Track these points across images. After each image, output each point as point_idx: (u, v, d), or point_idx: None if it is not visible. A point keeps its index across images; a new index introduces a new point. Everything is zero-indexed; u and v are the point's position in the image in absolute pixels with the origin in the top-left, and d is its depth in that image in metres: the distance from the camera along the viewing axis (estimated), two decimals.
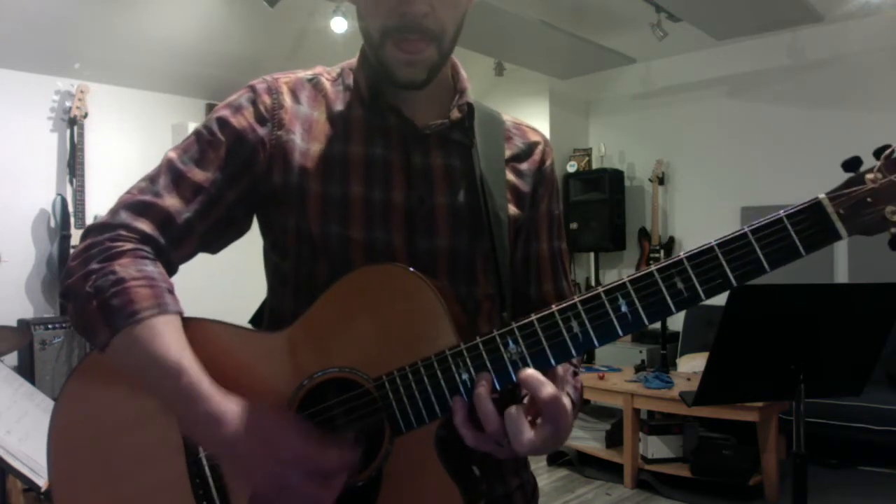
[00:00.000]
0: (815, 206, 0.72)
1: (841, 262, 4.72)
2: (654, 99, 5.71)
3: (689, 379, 4.06)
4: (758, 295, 1.85)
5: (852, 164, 0.74)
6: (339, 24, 4.22)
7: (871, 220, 0.72)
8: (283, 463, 0.74)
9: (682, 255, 0.74)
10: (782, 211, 0.73)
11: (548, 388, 0.74)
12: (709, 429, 4.01)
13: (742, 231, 0.73)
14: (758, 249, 0.72)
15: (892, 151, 0.72)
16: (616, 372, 4.45)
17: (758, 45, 4.96)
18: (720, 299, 1.82)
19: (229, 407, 0.77)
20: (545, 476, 4.17)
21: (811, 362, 1.76)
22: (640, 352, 5.08)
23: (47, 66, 4.16)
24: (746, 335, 1.84)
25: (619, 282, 0.76)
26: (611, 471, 4.09)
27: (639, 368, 4.37)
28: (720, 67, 5.25)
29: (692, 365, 4.49)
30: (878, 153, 0.73)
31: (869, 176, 0.72)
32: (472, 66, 5.26)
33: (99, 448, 0.85)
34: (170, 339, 0.79)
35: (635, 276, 0.75)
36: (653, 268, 0.75)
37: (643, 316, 0.75)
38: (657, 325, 4.87)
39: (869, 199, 0.71)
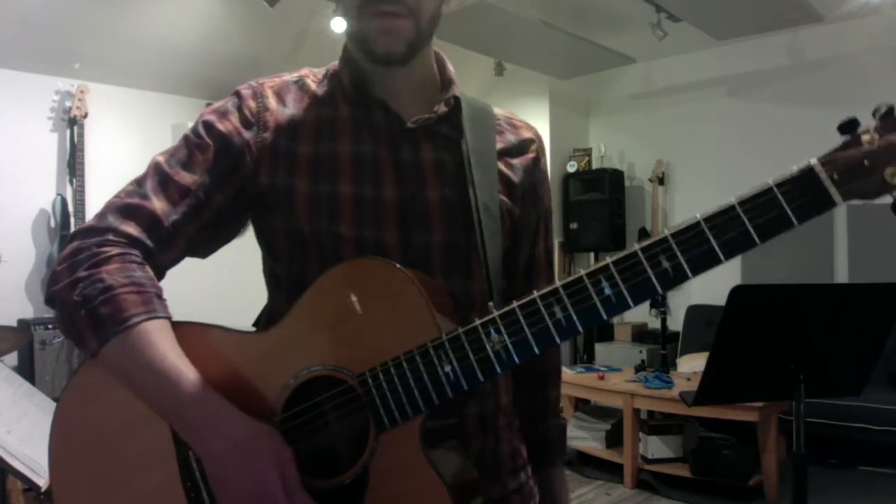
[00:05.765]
0: (807, 172, 0.69)
1: (841, 262, 4.72)
2: (654, 99, 5.71)
3: (689, 379, 4.06)
4: (758, 295, 1.85)
5: (849, 125, 0.70)
6: (339, 24, 4.22)
7: (868, 184, 0.68)
8: (258, 496, 0.74)
9: (666, 231, 0.71)
10: (771, 179, 0.70)
11: None
12: (709, 429, 4.01)
13: (730, 203, 0.70)
14: (746, 221, 0.69)
15: (889, 109, 0.69)
16: (616, 372, 4.45)
17: (758, 45, 4.96)
18: (721, 299, 1.83)
19: (228, 421, 0.77)
20: None
21: (811, 362, 1.76)
22: (640, 352, 5.08)
23: (47, 66, 4.16)
24: (746, 335, 1.83)
25: (602, 264, 0.74)
26: (611, 471, 4.09)
27: (639, 368, 4.36)
28: (720, 67, 5.24)
29: (692, 365, 4.49)
30: (874, 113, 0.70)
31: (865, 137, 0.68)
32: (472, 66, 5.27)
33: (97, 453, 0.85)
34: (164, 345, 0.79)
35: (618, 256, 0.73)
36: (636, 247, 0.72)
37: (628, 298, 0.72)
38: (657, 325, 4.87)
39: (866, 162, 0.67)
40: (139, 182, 0.88)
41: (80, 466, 0.85)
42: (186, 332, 0.83)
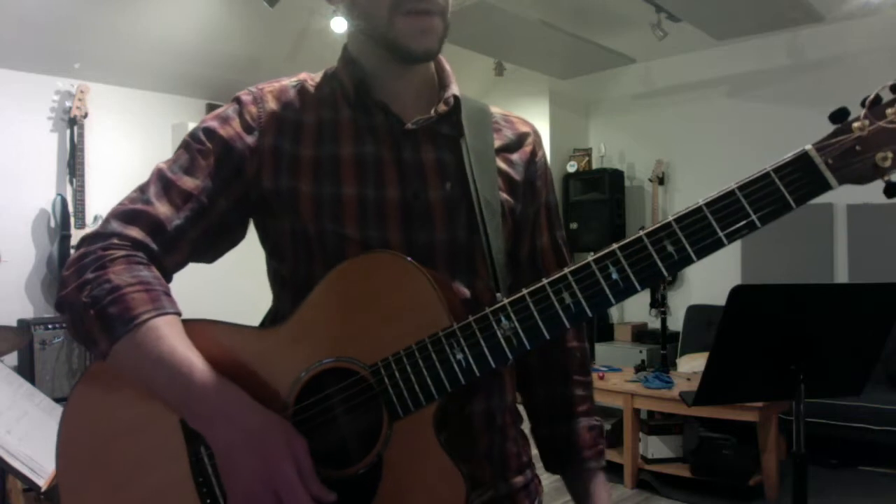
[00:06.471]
0: (803, 157, 0.72)
1: (841, 262, 4.72)
2: (654, 99, 5.71)
3: (689, 379, 4.06)
4: (758, 295, 1.84)
5: (839, 115, 0.73)
6: (339, 24, 4.22)
7: (861, 169, 0.71)
8: (272, 484, 0.74)
9: (670, 217, 0.74)
10: (769, 165, 0.73)
11: None
12: (709, 429, 4.00)
13: (730, 188, 0.73)
14: (747, 205, 0.72)
15: (877, 98, 0.72)
16: (616, 372, 4.44)
17: (758, 45, 4.96)
18: (721, 299, 1.83)
19: (241, 410, 0.78)
20: (545, 476, 4.16)
21: (811, 362, 1.76)
22: (640, 352, 5.08)
23: (47, 66, 4.17)
24: (746, 335, 1.83)
25: (609, 249, 0.76)
26: (611, 471, 4.08)
27: (639, 368, 4.36)
28: (720, 67, 5.25)
29: (692, 365, 4.48)
30: (863, 102, 0.73)
31: (856, 124, 0.72)
32: (472, 66, 5.27)
33: (105, 453, 0.85)
34: (174, 339, 0.80)
35: (624, 242, 0.75)
36: (641, 233, 0.75)
37: (635, 282, 0.75)
38: (657, 325, 4.87)
39: (858, 147, 0.71)
40: (142, 189, 0.90)
41: (89, 467, 0.86)
42: (196, 329, 0.84)
